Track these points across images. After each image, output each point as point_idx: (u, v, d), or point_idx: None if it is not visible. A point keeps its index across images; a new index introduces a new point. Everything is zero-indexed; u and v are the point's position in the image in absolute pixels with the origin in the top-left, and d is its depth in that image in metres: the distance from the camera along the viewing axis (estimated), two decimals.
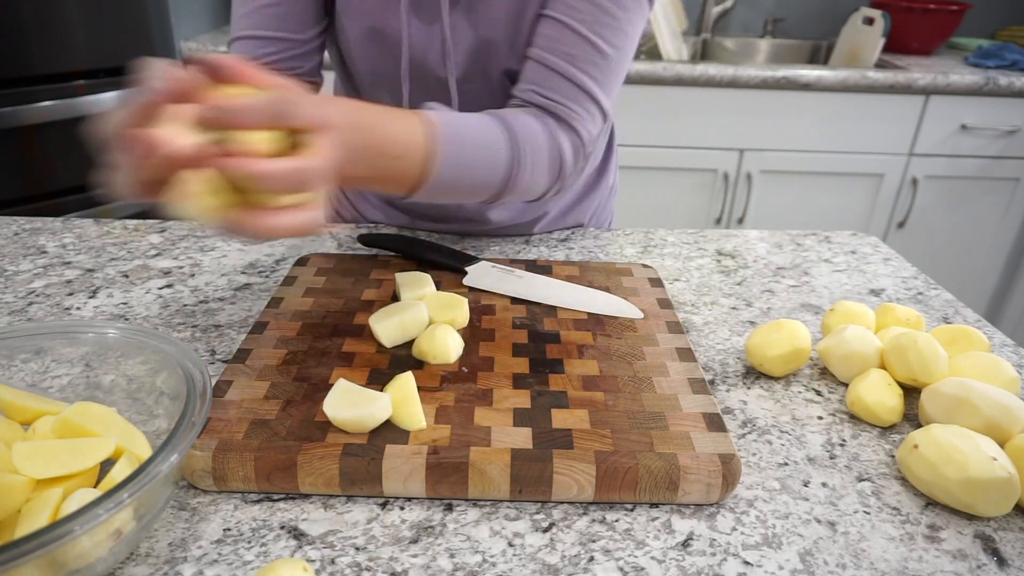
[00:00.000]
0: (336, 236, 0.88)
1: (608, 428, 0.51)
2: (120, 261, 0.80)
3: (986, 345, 0.62)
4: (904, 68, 2.01)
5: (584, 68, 0.69)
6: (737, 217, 2.11)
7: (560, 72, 0.69)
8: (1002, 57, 2.06)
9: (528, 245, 0.88)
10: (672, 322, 0.66)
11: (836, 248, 0.91)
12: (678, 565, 0.44)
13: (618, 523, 0.47)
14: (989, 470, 0.46)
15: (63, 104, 1.61)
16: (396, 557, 0.44)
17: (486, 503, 0.48)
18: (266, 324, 0.63)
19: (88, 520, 0.35)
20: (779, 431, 0.56)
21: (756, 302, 0.76)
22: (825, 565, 0.44)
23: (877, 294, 0.80)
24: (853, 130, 2.00)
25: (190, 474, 0.48)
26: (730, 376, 0.63)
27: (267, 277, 0.77)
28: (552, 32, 0.69)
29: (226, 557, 0.43)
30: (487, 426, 0.51)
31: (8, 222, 0.90)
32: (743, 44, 2.42)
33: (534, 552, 0.45)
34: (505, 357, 0.59)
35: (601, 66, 0.69)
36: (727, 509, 0.49)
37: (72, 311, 0.70)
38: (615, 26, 0.69)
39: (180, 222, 0.91)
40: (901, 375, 0.59)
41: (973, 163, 2.05)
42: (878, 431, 0.57)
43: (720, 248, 0.90)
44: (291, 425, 0.50)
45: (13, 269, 0.77)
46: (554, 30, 0.69)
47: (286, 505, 0.48)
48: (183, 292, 0.74)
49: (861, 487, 0.51)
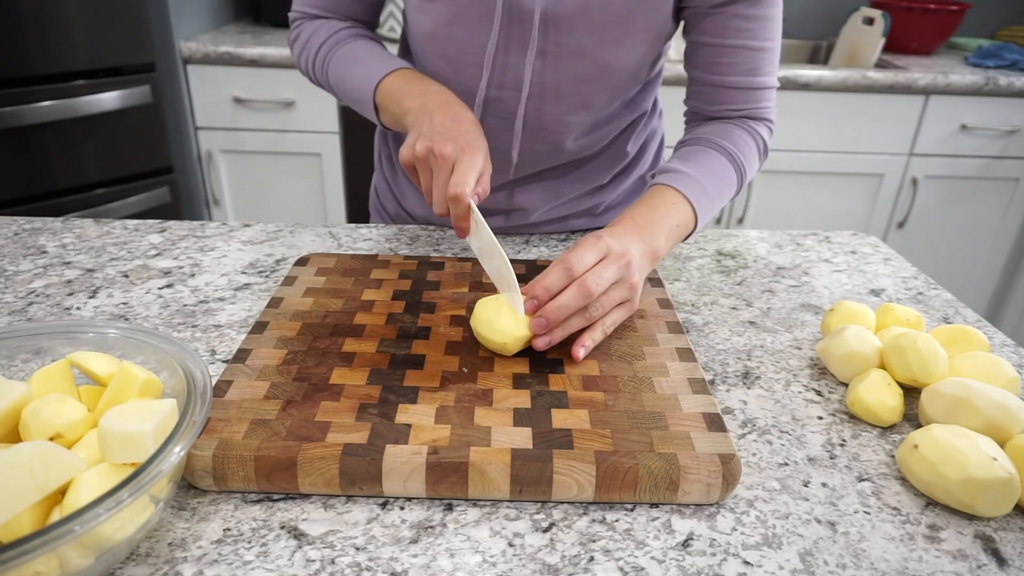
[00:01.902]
0: (336, 236, 0.88)
1: (608, 428, 0.51)
2: (120, 261, 0.80)
3: (986, 345, 0.62)
4: (904, 68, 2.01)
5: (762, 72, 0.77)
6: (737, 217, 2.11)
7: (745, 87, 0.77)
8: (1002, 57, 2.06)
9: (528, 245, 0.88)
10: (672, 322, 0.66)
11: (836, 248, 0.91)
12: (678, 565, 0.44)
13: (618, 523, 0.47)
14: (989, 470, 0.46)
15: (63, 104, 1.61)
16: (396, 557, 0.44)
17: (486, 503, 0.48)
18: (266, 324, 0.63)
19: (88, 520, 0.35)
20: (779, 431, 0.56)
21: (756, 302, 0.76)
22: (825, 565, 0.44)
23: (877, 294, 0.80)
24: (853, 130, 2.00)
25: (190, 474, 0.48)
26: (730, 376, 0.63)
27: (267, 277, 0.77)
28: (728, 58, 0.75)
29: (226, 557, 0.43)
30: (487, 426, 0.51)
31: (8, 222, 0.90)
32: None
33: (534, 552, 0.45)
34: (505, 357, 0.59)
35: (772, 60, 0.77)
36: (727, 509, 0.49)
37: (72, 311, 0.70)
38: (776, 24, 0.75)
39: (180, 222, 0.91)
40: (901, 375, 0.59)
41: (973, 163, 2.05)
42: (878, 431, 0.57)
43: (720, 248, 0.90)
44: (291, 425, 0.50)
45: (13, 269, 0.77)
46: (729, 55, 0.75)
47: (286, 505, 0.48)
48: (183, 292, 0.74)
49: (861, 487, 0.51)
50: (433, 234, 0.90)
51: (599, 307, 0.60)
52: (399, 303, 0.68)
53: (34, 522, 0.39)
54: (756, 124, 0.79)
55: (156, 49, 1.82)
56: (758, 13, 0.72)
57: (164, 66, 1.89)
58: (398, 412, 0.52)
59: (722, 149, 0.76)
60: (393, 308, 0.67)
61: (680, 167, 0.74)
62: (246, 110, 1.97)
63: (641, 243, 0.65)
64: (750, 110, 0.79)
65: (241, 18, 2.37)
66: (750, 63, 0.75)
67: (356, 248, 0.85)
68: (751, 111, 0.79)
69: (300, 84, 1.93)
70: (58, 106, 1.60)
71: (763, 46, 0.75)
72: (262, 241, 0.86)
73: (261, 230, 0.89)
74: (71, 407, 0.45)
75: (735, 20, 0.73)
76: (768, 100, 0.79)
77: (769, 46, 0.75)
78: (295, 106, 1.96)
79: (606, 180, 0.91)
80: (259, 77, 1.93)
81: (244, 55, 1.88)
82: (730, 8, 0.72)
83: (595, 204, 0.93)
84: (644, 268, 0.65)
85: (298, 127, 1.99)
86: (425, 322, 0.65)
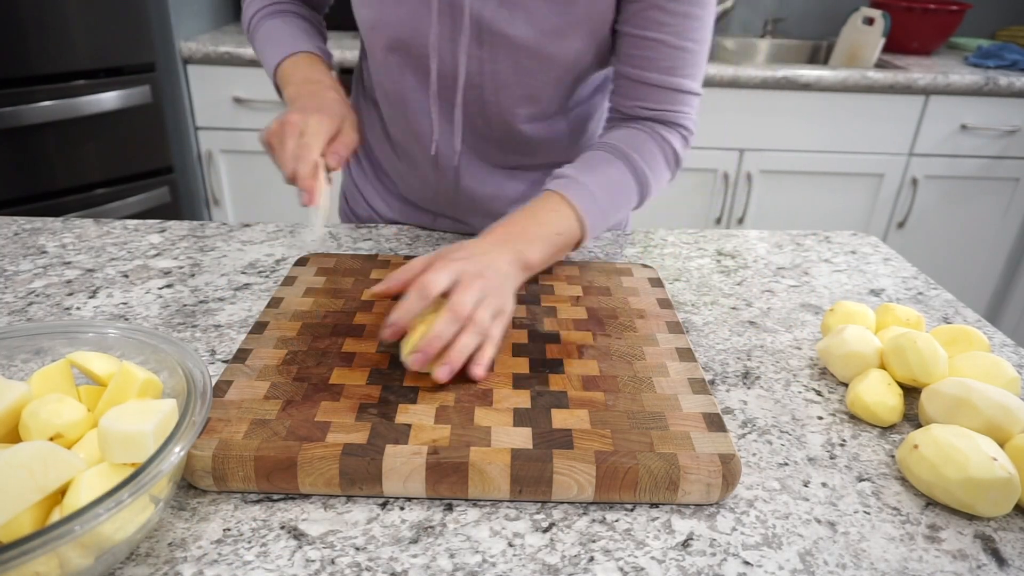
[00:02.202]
0: (336, 236, 0.88)
1: (608, 428, 0.51)
2: (120, 261, 0.80)
3: (986, 345, 0.62)
4: (904, 68, 2.01)
5: (681, 73, 0.74)
6: (737, 217, 2.11)
7: (661, 85, 0.75)
8: (1002, 57, 2.06)
9: None
10: (672, 322, 0.66)
11: (836, 248, 0.91)
12: (678, 565, 0.44)
13: (618, 523, 0.47)
14: (989, 470, 0.46)
15: (63, 104, 1.61)
16: (396, 557, 0.44)
17: (486, 503, 0.48)
18: (266, 324, 0.63)
19: (88, 520, 0.35)
20: (779, 431, 0.56)
21: (756, 302, 0.76)
22: (825, 565, 0.44)
23: (877, 294, 0.80)
24: (853, 130, 2.00)
25: (190, 474, 0.48)
26: (730, 376, 0.63)
27: (267, 277, 0.77)
28: (646, 51, 0.73)
29: (226, 557, 0.43)
30: (487, 426, 0.51)
31: (8, 222, 0.90)
32: (743, 44, 2.42)
33: (534, 552, 0.45)
34: (505, 357, 0.59)
35: (694, 63, 0.75)
36: (727, 509, 0.49)
37: (72, 311, 0.70)
38: (699, 25, 0.73)
39: (180, 222, 0.91)
40: (901, 375, 0.59)
41: (973, 163, 2.05)
42: (878, 431, 0.57)
43: (720, 248, 0.90)
44: (291, 425, 0.50)
45: (13, 269, 0.77)
46: (647, 49, 0.73)
47: (286, 505, 0.48)
48: (183, 292, 0.74)
49: (861, 487, 0.51)
50: (433, 234, 0.90)
51: (478, 323, 0.57)
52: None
53: (34, 522, 0.39)
54: (669, 132, 0.77)
55: (156, 49, 1.82)
56: (679, 8, 0.71)
57: (164, 66, 1.89)
58: (398, 412, 0.52)
59: (624, 158, 0.74)
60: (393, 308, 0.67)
61: (574, 174, 0.72)
62: (246, 110, 1.97)
63: (506, 253, 0.63)
64: (665, 112, 0.76)
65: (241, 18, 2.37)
66: (667, 60, 0.73)
67: (356, 248, 0.85)
68: (666, 114, 0.76)
69: None
70: (58, 106, 1.60)
71: (683, 45, 0.73)
72: (262, 241, 0.86)
73: (261, 230, 0.89)
74: (71, 407, 0.45)
75: (655, 12, 0.71)
76: (685, 105, 0.77)
77: (690, 47, 0.73)
78: None
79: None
80: (259, 77, 1.93)
81: (244, 55, 1.88)
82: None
83: None
84: (510, 277, 0.63)
85: None
86: None
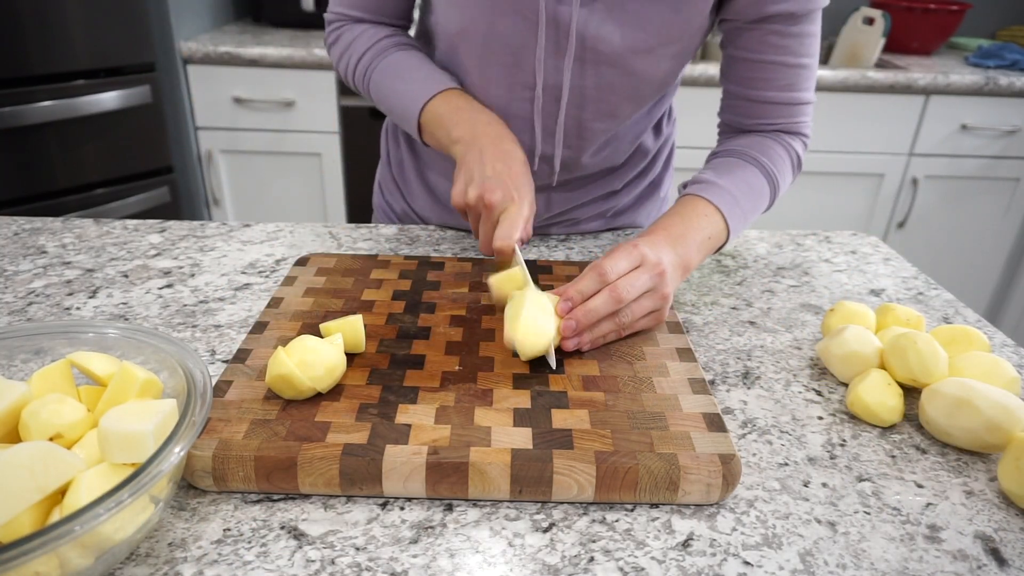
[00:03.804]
0: (336, 236, 0.88)
1: (608, 428, 0.51)
2: (120, 261, 0.80)
3: (986, 345, 0.62)
4: (904, 68, 2.01)
5: (799, 87, 0.77)
6: None
7: (781, 102, 0.77)
8: (1002, 57, 2.06)
9: (528, 245, 0.88)
10: (672, 322, 0.66)
11: (836, 248, 0.91)
12: (678, 565, 0.44)
13: (618, 523, 0.47)
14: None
15: (63, 104, 1.61)
16: (396, 557, 0.44)
17: (486, 503, 0.48)
18: (266, 324, 0.63)
19: (88, 520, 0.35)
20: (779, 431, 0.56)
21: (756, 302, 0.76)
22: (825, 565, 0.44)
23: (877, 294, 0.80)
24: (853, 130, 2.00)
25: (190, 474, 0.48)
26: (730, 376, 0.63)
27: (267, 277, 0.77)
28: (765, 73, 0.75)
29: (226, 557, 0.43)
30: (487, 426, 0.51)
31: (8, 222, 0.90)
32: None
33: (534, 552, 0.44)
34: (505, 357, 0.59)
35: (810, 76, 0.77)
36: (727, 509, 0.48)
37: (72, 311, 0.70)
38: (815, 41, 0.75)
39: (180, 222, 0.91)
40: (901, 375, 0.59)
41: (973, 163, 2.05)
42: (878, 431, 0.57)
43: None
44: (291, 425, 0.50)
45: (13, 269, 0.77)
46: (767, 71, 0.75)
47: (286, 505, 0.48)
48: (183, 292, 0.74)
49: (861, 487, 0.51)
50: (433, 234, 0.90)
51: (629, 314, 0.61)
52: (399, 303, 0.68)
53: (34, 522, 0.39)
54: (791, 138, 0.79)
55: (156, 49, 1.82)
56: (796, 30, 0.72)
57: (164, 66, 1.89)
58: (398, 412, 0.52)
59: (756, 162, 0.76)
60: (393, 308, 0.67)
61: (713, 179, 0.73)
62: (246, 110, 1.97)
63: (674, 254, 0.65)
64: (785, 124, 0.79)
65: (241, 18, 2.37)
66: (787, 79, 0.75)
67: (356, 248, 0.85)
68: (786, 125, 0.79)
69: (300, 84, 1.93)
70: (58, 106, 1.60)
71: (800, 62, 0.74)
72: (262, 241, 0.86)
73: (261, 230, 0.89)
74: (71, 407, 0.45)
75: (773, 36, 0.72)
76: (804, 115, 0.79)
77: (806, 62, 0.75)
78: (295, 106, 1.96)
79: (619, 186, 0.91)
80: (259, 77, 1.93)
81: (244, 55, 1.88)
82: (768, 24, 0.72)
83: (607, 208, 0.92)
84: (676, 279, 0.65)
85: (298, 127, 1.99)
86: (425, 322, 0.65)
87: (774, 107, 0.77)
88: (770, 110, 0.78)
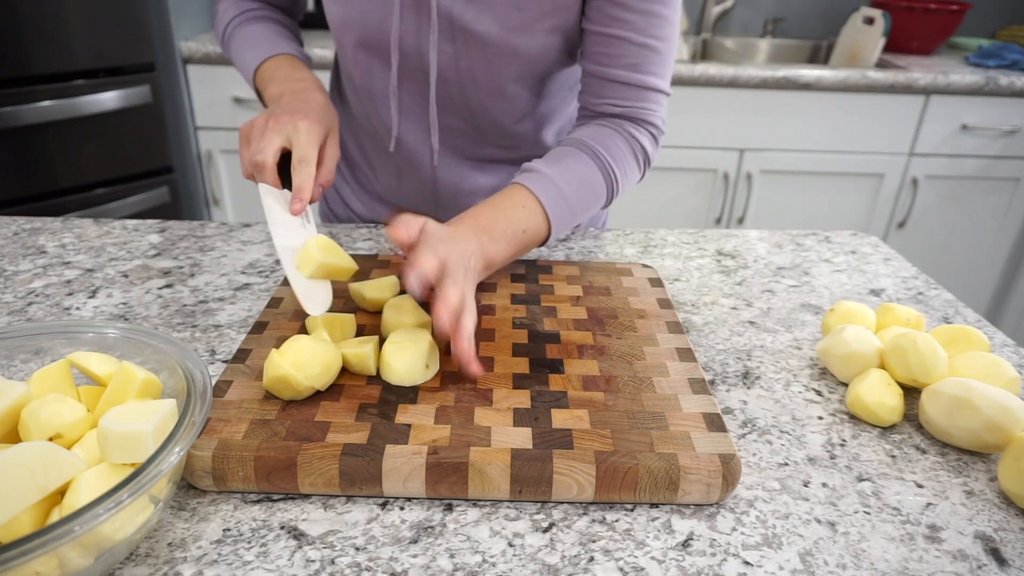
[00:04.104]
0: (336, 236, 0.88)
1: (608, 428, 0.51)
2: (120, 261, 0.80)
3: (986, 345, 0.62)
4: (904, 68, 2.01)
5: (647, 70, 0.75)
6: (737, 217, 2.11)
7: (626, 82, 0.75)
8: (1002, 57, 2.06)
9: None
10: (672, 322, 0.66)
11: (836, 248, 0.91)
12: (678, 565, 0.44)
13: (618, 523, 0.47)
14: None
15: (63, 104, 1.61)
16: (396, 557, 0.44)
17: (486, 503, 0.48)
18: (266, 324, 0.63)
19: (87, 520, 0.35)
20: (779, 431, 0.56)
21: (756, 302, 0.76)
22: (825, 565, 0.44)
23: (877, 294, 0.80)
24: (853, 130, 2.00)
25: (190, 474, 0.48)
26: (730, 376, 0.63)
27: (267, 277, 0.77)
28: (609, 48, 0.74)
29: (226, 557, 0.43)
30: (487, 426, 0.51)
31: (8, 222, 0.90)
32: (743, 44, 2.42)
33: (534, 552, 0.44)
34: (505, 357, 0.59)
35: (659, 61, 0.75)
36: (727, 509, 0.48)
37: (72, 311, 0.70)
38: (664, 23, 0.73)
39: (180, 222, 0.91)
40: (901, 375, 0.59)
41: (973, 163, 2.05)
42: (878, 431, 0.57)
43: (720, 248, 0.90)
44: (291, 425, 0.50)
45: (13, 269, 0.77)
46: (612, 46, 0.74)
47: (286, 505, 0.48)
48: (183, 292, 0.74)
49: (861, 487, 0.51)
50: None
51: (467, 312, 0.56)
52: None
53: (34, 522, 0.39)
54: (637, 129, 0.77)
55: (156, 49, 1.82)
56: (642, 6, 0.71)
57: (164, 66, 1.89)
58: (398, 412, 0.52)
59: (592, 152, 0.74)
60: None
61: (542, 168, 0.72)
62: (246, 110, 1.97)
63: (475, 248, 0.62)
64: (633, 109, 0.77)
65: None
66: (632, 57, 0.73)
67: (356, 248, 0.85)
68: (632, 110, 0.77)
69: None
70: (58, 106, 1.60)
71: (647, 43, 0.73)
72: (262, 241, 0.86)
73: (261, 230, 0.89)
74: (71, 407, 0.45)
75: (618, 9, 0.71)
76: (652, 103, 0.77)
77: (655, 45, 0.73)
78: None
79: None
80: None
81: None
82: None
83: None
84: (476, 272, 0.62)
85: None
86: None
87: (619, 87, 0.75)
88: (615, 89, 0.76)
